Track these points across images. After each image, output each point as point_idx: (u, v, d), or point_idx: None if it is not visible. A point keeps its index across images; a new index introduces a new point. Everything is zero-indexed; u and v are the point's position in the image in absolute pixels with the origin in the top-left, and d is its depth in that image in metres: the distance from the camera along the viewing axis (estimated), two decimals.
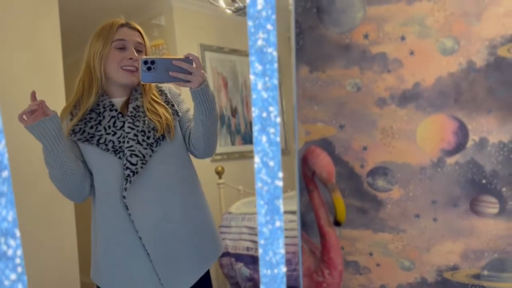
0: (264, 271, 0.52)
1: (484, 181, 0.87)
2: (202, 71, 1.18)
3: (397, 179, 0.92)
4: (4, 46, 2.18)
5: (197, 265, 1.28)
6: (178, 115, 1.32)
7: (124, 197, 1.18)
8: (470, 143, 0.85)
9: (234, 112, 3.23)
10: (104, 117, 1.24)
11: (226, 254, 2.33)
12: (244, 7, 1.81)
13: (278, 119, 0.53)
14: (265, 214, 0.55)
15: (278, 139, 0.54)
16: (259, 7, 0.50)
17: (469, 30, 0.79)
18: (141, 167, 1.19)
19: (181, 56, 1.17)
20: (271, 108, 0.52)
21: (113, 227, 1.23)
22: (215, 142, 1.33)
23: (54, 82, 2.36)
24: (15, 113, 1.17)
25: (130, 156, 1.19)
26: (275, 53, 0.51)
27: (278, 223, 0.54)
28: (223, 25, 3.28)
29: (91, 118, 1.24)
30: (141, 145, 1.21)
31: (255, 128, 0.52)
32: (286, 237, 2.20)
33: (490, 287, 0.93)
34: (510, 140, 0.83)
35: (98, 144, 1.21)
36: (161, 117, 1.26)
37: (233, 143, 3.16)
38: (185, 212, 1.28)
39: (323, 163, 0.75)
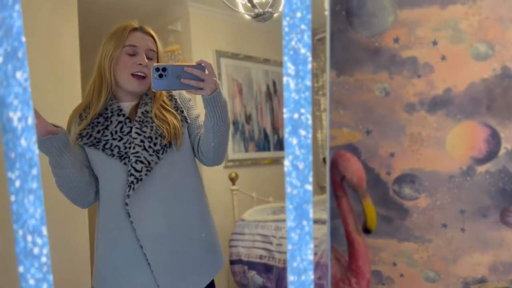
0: (291, 278, 0.50)
1: None
2: (215, 78, 1.16)
3: (425, 187, 0.90)
4: None
5: (198, 277, 1.25)
6: (187, 122, 1.31)
7: (126, 204, 1.16)
8: (502, 151, 0.83)
9: (248, 118, 3.22)
10: (111, 122, 1.23)
11: (239, 261, 2.31)
12: (264, 13, 1.80)
13: (310, 122, 0.51)
14: (294, 219, 0.53)
15: (309, 141, 0.52)
16: (294, 6, 0.49)
17: (504, 35, 0.77)
18: (146, 174, 1.18)
19: (193, 63, 1.15)
20: (302, 110, 0.51)
21: (114, 234, 1.21)
22: (225, 150, 1.30)
23: (71, 85, 2.38)
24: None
25: (135, 162, 1.18)
26: (308, 54, 0.49)
27: (307, 228, 0.52)
28: (239, 32, 3.29)
29: (98, 122, 1.24)
30: (147, 151, 1.19)
31: (286, 130, 0.51)
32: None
33: None
34: None
35: (103, 150, 1.20)
36: (169, 125, 1.24)
37: (246, 150, 3.14)
38: (188, 222, 1.25)
39: (354, 167, 0.73)
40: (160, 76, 1.12)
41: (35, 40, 2.25)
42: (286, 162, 0.51)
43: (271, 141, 3.41)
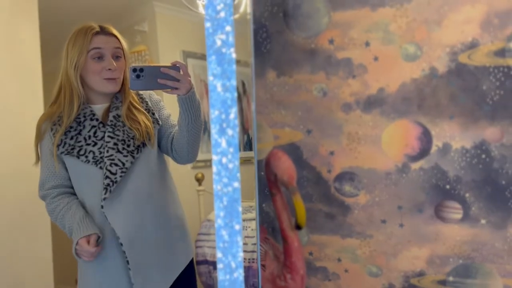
0: (222, 276, 0.51)
1: (448, 186, 0.88)
2: (189, 78, 1.19)
3: (364, 184, 0.92)
4: None
5: (169, 271, 1.28)
6: (159, 124, 1.32)
7: (102, 206, 1.18)
8: (434, 148, 0.86)
9: None
10: (84, 126, 1.24)
11: (205, 262, 2.31)
12: None
13: (237, 121, 0.52)
14: (224, 217, 0.54)
15: (236, 141, 0.53)
16: (218, 8, 0.50)
17: (430, 36, 0.80)
18: (121, 176, 1.19)
19: (169, 64, 1.18)
20: (230, 110, 0.52)
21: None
22: (198, 148, 1.34)
23: (33, 88, 2.33)
24: None
25: (110, 165, 1.19)
26: (233, 55, 0.50)
27: (237, 226, 0.53)
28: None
29: (71, 127, 1.23)
30: (121, 153, 1.21)
31: (214, 130, 0.52)
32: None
33: None
34: (472, 146, 0.84)
35: (78, 156, 1.21)
36: (140, 125, 1.26)
37: None
38: (160, 219, 1.28)
39: (285, 166, 0.75)
40: (138, 76, 1.15)
41: None
42: (215, 162, 0.52)
43: (240, 141, 3.42)
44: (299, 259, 0.77)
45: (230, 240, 0.51)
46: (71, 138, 1.22)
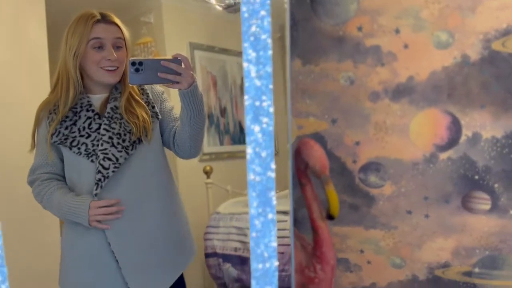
0: (255, 265, 0.50)
1: (476, 177, 0.86)
2: (192, 72, 1.15)
3: (390, 175, 0.91)
4: None
5: (169, 273, 1.24)
6: (158, 118, 1.28)
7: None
8: (463, 138, 0.85)
9: (223, 112, 3.21)
10: (80, 117, 1.19)
11: (214, 254, 2.30)
12: (235, 3, 1.78)
13: (272, 109, 0.51)
14: (257, 206, 0.52)
15: (271, 128, 0.51)
16: None
17: (463, 23, 0.78)
18: (113, 171, 1.15)
19: (170, 57, 1.13)
20: (264, 97, 0.50)
21: (82, 232, 1.18)
22: (201, 143, 1.28)
23: (39, 77, 2.31)
24: None
25: (103, 159, 1.15)
26: (269, 40, 0.49)
27: (270, 215, 0.52)
28: (213, 24, 3.26)
29: (67, 117, 1.20)
30: (116, 148, 1.17)
31: (248, 118, 0.50)
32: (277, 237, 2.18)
33: (481, 284, 0.92)
34: (503, 136, 0.82)
35: (71, 147, 1.17)
36: (138, 119, 1.21)
37: (221, 143, 3.13)
38: (159, 218, 1.23)
39: (317, 155, 0.74)
40: (137, 70, 1.11)
41: (1, 32, 2.18)
42: (249, 150, 0.50)
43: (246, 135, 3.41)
44: (329, 249, 0.76)
45: (263, 229, 0.50)
46: (66, 128, 1.18)
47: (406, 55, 0.83)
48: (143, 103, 1.26)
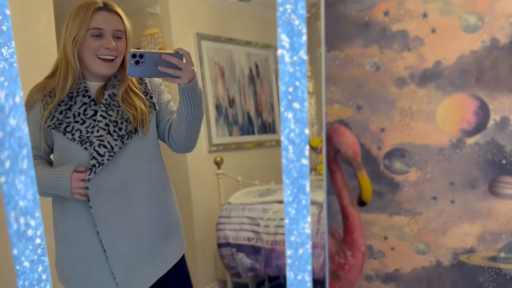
0: (289, 252, 0.50)
1: (504, 161, 0.86)
2: (192, 67, 1.13)
3: (415, 161, 0.91)
4: None
5: (158, 266, 1.23)
6: (155, 109, 1.26)
7: (87, 188, 1.13)
8: (491, 123, 0.84)
9: (231, 102, 3.20)
10: (75, 102, 1.18)
11: (227, 244, 2.31)
12: None
13: (305, 95, 0.50)
14: (290, 194, 0.52)
15: (305, 115, 0.51)
16: None
17: (493, 6, 0.77)
18: (108, 159, 1.14)
19: (171, 51, 1.12)
20: (297, 83, 0.50)
21: (72, 220, 1.17)
22: (196, 138, 1.27)
23: (47, 71, 2.31)
24: None
25: (99, 146, 1.14)
26: (303, 25, 0.48)
27: (304, 202, 0.52)
28: (220, 14, 3.24)
29: (62, 101, 1.18)
30: (112, 135, 1.16)
31: (282, 104, 0.50)
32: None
33: (507, 269, 0.92)
34: None
35: (64, 133, 1.15)
36: (136, 110, 1.20)
37: (230, 134, 3.13)
38: (150, 210, 1.22)
39: (349, 141, 0.73)
40: (137, 62, 1.09)
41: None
42: (282, 137, 0.50)
43: (255, 125, 3.40)
44: (360, 235, 0.76)
45: (297, 216, 0.50)
46: (60, 113, 1.16)
47: (433, 39, 0.82)
48: (141, 94, 1.25)
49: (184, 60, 1.11)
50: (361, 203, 0.79)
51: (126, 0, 3.10)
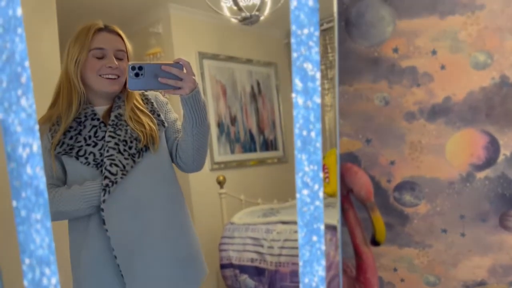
0: None
1: None
2: (194, 77, 1.12)
3: (425, 194, 0.91)
4: None
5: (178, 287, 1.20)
6: (164, 126, 1.25)
7: (102, 210, 1.11)
8: (501, 157, 0.84)
9: (233, 120, 3.21)
10: (85, 126, 1.17)
11: (230, 265, 2.30)
12: (251, 16, 1.79)
13: (320, 138, 0.51)
14: (304, 236, 0.52)
15: (319, 158, 0.51)
16: (302, 23, 0.48)
17: (502, 45, 0.78)
18: (121, 177, 1.12)
19: (171, 62, 1.10)
20: (311, 127, 0.50)
21: (88, 244, 1.15)
22: (205, 155, 1.25)
23: (51, 88, 2.32)
24: None
25: (110, 165, 1.12)
26: (316, 71, 0.48)
27: (318, 245, 0.52)
28: (221, 33, 3.28)
29: (71, 127, 1.17)
30: (122, 155, 1.14)
31: (296, 147, 0.50)
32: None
33: None
34: None
35: (78, 157, 1.14)
36: (144, 127, 1.18)
37: (232, 152, 3.13)
38: (166, 232, 1.19)
39: (362, 181, 0.74)
40: (137, 75, 1.07)
41: None
42: (297, 181, 0.50)
43: (257, 142, 3.41)
44: (373, 275, 0.76)
45: (311, 258, 0.50)
46: (70, 138, 1.15)
47: (442, 76, 0.83)
48: (148, 112, 1.24)
49: (185, 70, 1.09)
50: (375, 242, 0.79)
51: (130, 20, 3.13)
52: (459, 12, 0.79)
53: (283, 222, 2.32)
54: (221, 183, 2.60)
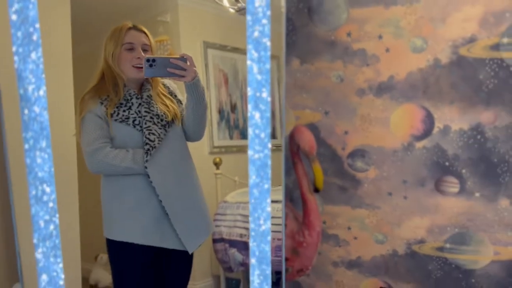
0: (253, 226, 0.66)
1: (447, 163, 1.00)
2: (195, 68, 1.43)
3: (373, 161, 1.05)
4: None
5: (205, 227, 1.53)
6: (181, 103, 1.59)
7: (146, 167, 1.41)
8: (435, 130, 0.99)
9: (233, 107, 3.36)
10: (132, 103, 1.51)
11: (221, 240, 2.46)
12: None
13: (269, 98, 0.66)
14: (255, 178, 0.69)
15: (268, 114, 0.67)
16: (257, 4, 0.64)
17: (435, 32, 0.92)
18: (158, 143, 1.44)
19: (178, 56, 1.42)
20: (263, 89, 0.66)
21: (137, 193, 1.44)
22: (203, 128, 1.58)
23: (63, 73, 2.48)
24: None
25: (149, 134, 1.45)
26: (268, 43, 0.64)
27: (266, 186, 0.68)
28: (226, 24, 3.42)
29: (121, 104, 1.49)
30: (157, 125, 1.47)
31: (250, 106, 0.66)
32: (276, 224, 2.32)
33: (452, 258, 1.06)
34: (469, 128, 0.96)
35: (134, 125, 1.47)
36: (168, 107, 1.52)
37: (231, 137, 3.28)
38: (192, 182, 1.55)
39: (306, 138, 0.88)
40: (151, 65, 1.40)
41: None
42: (250, 132, 0.66)
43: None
44: (316, 218, 0.91)
45: (260, 197, 0.65)
46: (124, 111, 1.47)
47: (387, 57, 0.98)
48: (167, 94, 1.59)
49: (188, 63, 1.42)
50: (316, 190, 0.94)
51: (140, 9, 3.29)
52: (400, 3, 0.93)
53: (272, 201, 2.47)
54: (217, 165, 2.76)
